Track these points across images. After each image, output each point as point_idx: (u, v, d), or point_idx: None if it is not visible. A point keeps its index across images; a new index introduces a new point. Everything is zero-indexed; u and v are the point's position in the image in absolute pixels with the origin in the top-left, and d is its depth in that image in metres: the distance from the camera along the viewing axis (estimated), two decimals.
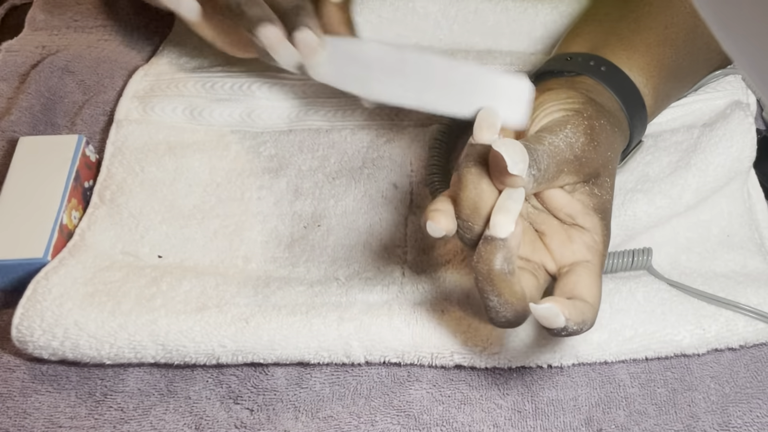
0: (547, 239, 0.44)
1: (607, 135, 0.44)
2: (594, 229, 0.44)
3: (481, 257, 0.40)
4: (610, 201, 0.45)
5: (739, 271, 0.51)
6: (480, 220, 0.41)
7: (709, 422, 0.46)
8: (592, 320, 0.41)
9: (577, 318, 0.39)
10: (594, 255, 0.43)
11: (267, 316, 0.48)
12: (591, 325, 0.41)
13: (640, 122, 0.50)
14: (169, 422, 0.47)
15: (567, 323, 0.39)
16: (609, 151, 0.44)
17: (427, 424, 0.46)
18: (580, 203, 0.44)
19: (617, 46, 0.51)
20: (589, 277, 0.42)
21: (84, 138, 0.57)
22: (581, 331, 0.41)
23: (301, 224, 0.55)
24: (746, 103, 0.57)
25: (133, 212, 0.55)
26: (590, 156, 0.43)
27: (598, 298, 0.42)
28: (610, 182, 0.45)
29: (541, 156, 0.40)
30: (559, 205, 0.44)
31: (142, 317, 0.48)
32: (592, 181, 0.44)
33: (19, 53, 0.68)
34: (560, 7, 0.63)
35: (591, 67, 0.49)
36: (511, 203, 0.39)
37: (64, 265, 0.50)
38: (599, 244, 0.44)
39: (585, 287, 0.42)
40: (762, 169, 0.56)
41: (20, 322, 0.47)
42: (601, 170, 0.44)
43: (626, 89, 0.49)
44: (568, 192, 0.44)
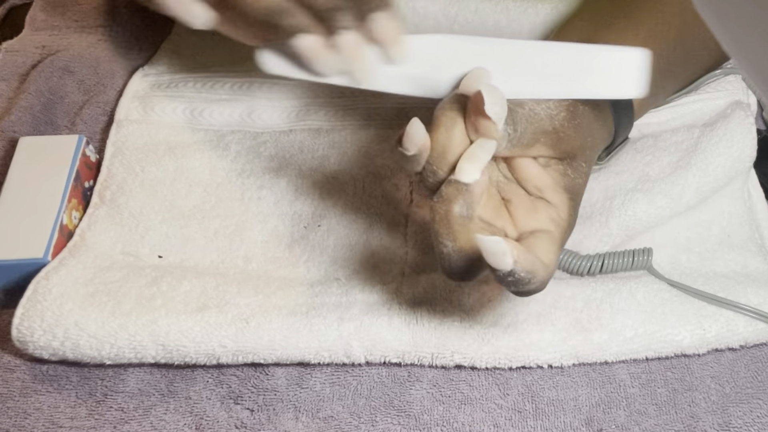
0: (512, 207, 0.44)
1: (589, 121, 0.44)
2: (560, 206, 0.43)
3: (442, 198, 0.39)
4: (582, 186, 0.45)
5: (740, 271, 0.51)
6: (446, 166, 0.40)
7: (709, 422, 0.46)
8: (542, 278, 0.40)
9: (526, 265, 0.38)
10: (557, 228, 0.43)
11: (267, 316, 0.48)
12: (542, 285, 0.40)
13: (626, 118, 0.50)
14: (170, 422, 0.47)
15: (515, 267, 0.37)
16: (588, 137, 0.44)
17: (428, 424, 0.46)
18: (550, 178, 0.43)
19: (608, 40, 0.51)
20: (547, 243, 0.41)
21: (84, 138, 0.57)
22: (529, 284, 0.39)
23: (301, 224, 0.55)
24: (746, 103, 0.57)
25: (133, 212, 0.55)
26: (569, 133, 0.42)
27: (554, 265, 0.41)
28: (585, 168, 0.44)
29: (519, 118, 0.40)
30: (529, 175, 0.43)
31: (142, 317, 0.48)
32: (567, 161, 0.43)
33: (19, 53, 0.68)
34: (560, 7, 0.63)
35: None
36: (480, 152, 0.39)
37: (64, 265, 0.50)
38: (564, 220, 0.43)
39: (542, 249, 0.41)
40: (762, 169, 0.56)
41: (20, 322, 0.47)
42: (578, 152, 0.44)
43: None
44: (541, 166, 0.43)
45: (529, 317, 0.48)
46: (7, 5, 0.75)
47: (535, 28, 0.64)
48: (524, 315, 0.48)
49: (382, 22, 0.42)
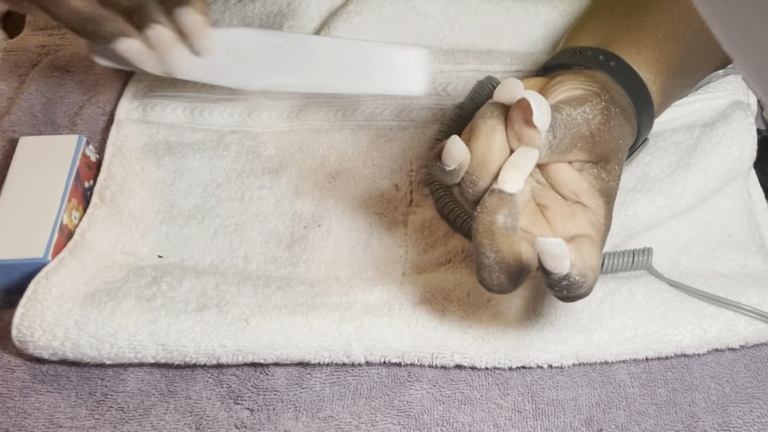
0: (549, 213, 0.43)
1: (619, 123, 0.44)
2: (597, 210, 0.43)
3: (485, 208, 0.39)
4: (615, 189, 0.44)
5: (740, 271, 0.51)
6: (486, 175, 0.40)
7: (709, 422, 0.46)
8: (592, 283, 0.40)
9: (581, 268, 0.38)
10: (596, 232, 0.42)
11: (267, 316, 0.48)
12: (589, 291, 0.40)
13: (647, 119, 0.50)
14: (170, 422, 0.47)
15: (571, 270, 0.38)
16: (620, 139, 0.44)
17: (428, 424, 0.46)
18: (586, 182, 0.43)
19: (626, 42, 0.50)
20: (590, 247, 0.41)
21: (84, 138, 0.57)
22: (581, 289, 0.39)
23: (301, 224, 0.55)
24: (747, 103, 0.57)
25: (133, 212, 0.55)
26: (604, 137, 0.42)
27: (599, 269, 0.41)
28: (618, 171, 0.44)
29: (558, 123, 0.40)
30: (565, 180, 0.43)
31: (142, 317, 0.48)
32: (601, 164, 0.43)
33: (19, 53, 0.68)
34: (560, 6, 0.63)
35: (600, 62, 0.49)
36: (523, 161, 0.39)
37: (64, 265, 0.50)
38: (602, 224, 0.43)
39: (587, 253, 0.41)
40: (762, 169, 0.56)
41: (20, 322, 0.47)
42: (612, 155, 0.43)
43: (635, 85, 0.49)
44: (577, 170, 0.43)
45: (529, 317, 0.48)
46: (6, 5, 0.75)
47: (535, 28, 0.64)
48: (524, 315, 0.48)
49: (187, 17, 0.47)
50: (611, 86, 0.47)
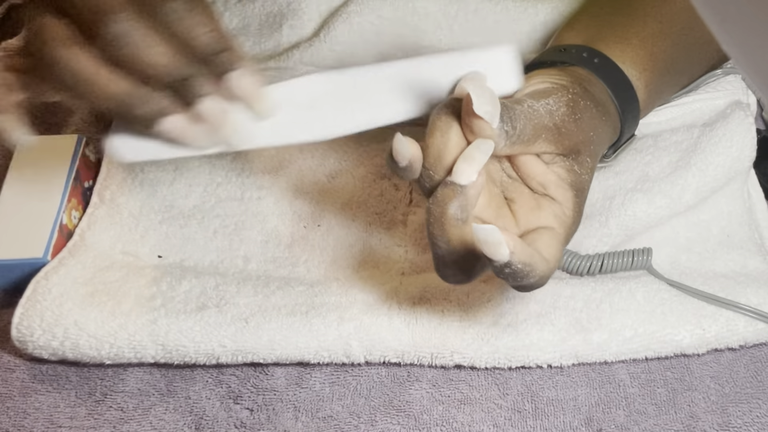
0: (515, 206, 0.44)
1: (591, 116, 0.44)
2: (565, 203, 0.43)
3: (437, 199, 0.39)
4: (587, 182, 0.44)
5: (739, 271, 0.51)
6: (442, 170, 0.40)
7: (709, 422, 0.46)
8: (542, 273, 0.39)
9: (523, 257, 0.38)
10: (561, 225, 0.42)
11: (267, 316, 0.48)
12: (542, 280, 0.40)
13: (631, 115, 0.50)
14: (169, 422, 0.47)
15: (512, 258, 0.37)
16: (591, 132, 0.44)
17: (427, 424, 0.46)
18: (555, 175, 0.43)
19: (610, 39, 0.51)
20: (549, 238, 0.41)
21: (84, 138, 0.57)
22: (528, 278, 0.39)
23: (301, 224, 0.55)
24: (746, 103, 0.57)
25: (133, 212, 0.55)
26: (570, 128, 0.42)
27: (555, 259, 0.41)
28: (591, 163, 0.44)
29: (517, 115, 0.40)
30: (533, 172, 0.43)
31: (141, 317, 0.48)
32: (572, 157, 0.43)
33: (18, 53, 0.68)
34: (560, 7, 0.63)
35: (584, 59, 0.49)
36: (476, 153, 0.39)
37: (63, 265, 0.50)
38: (568, 217, 0.43)
39: (543, 244, 0.41)
40: (762, 169, 0.56)
41: (20, 321, 0.47)
42: (582, 147, 0.43)
43: (618, 81, 0.49)
44: (546, 163, 0.43)
45: (529, 317, 0.48)
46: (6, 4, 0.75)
47: (535, 28, 0.64)
48: (524, 315, 0.48)
49: (240, 80, 0.41)
50: (589, 80, 0.47)
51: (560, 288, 0.49)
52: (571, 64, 0.49)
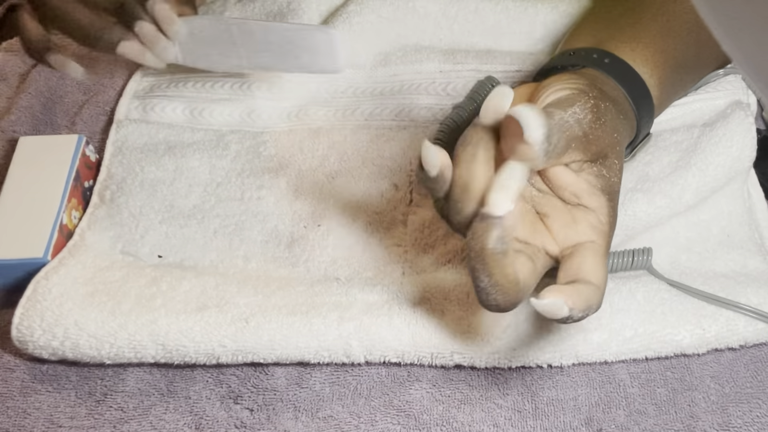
0: (550, 221, 0.43)
1: (612, 117, 0.44)
2: (600, 210, 0.42)
3: (475, 234, 0.39)
4: (618, 183, 0.44)
5: (739, 271, 0.51)
6: (470, 202, 0.40)
7: (709, 422, 0.46)
8: (598, 303, 0.40)
9: (581, 305, 0.39)
10: (599, 236, 0.42)
11: (267, 316, 0.48)
12: (597, 308, 0.40)
13: (646, 113, 0.50)
14: (169, 422, 0.47)
15: (571, 312, 0.38)
16: (615, 133, 0.44)
17: (427, 423, 0.46)
18: (586, 182, 0.42)
19: (620, 39, 0.51)
20: (593, 258, 0.41)
21: (84, 138, 0.57)
22: (587, 315, 0.40)
23: (301, 224, 0.55)
24: (746, 103, 0.57)
25: (133, 212, 0.55)
26: (597, 134, 0.42)
27: (604, 279, 0.41)
28: (618, 164, 0.44)
29: (552, 130, 0.39)
30: (564, 183, 0.43)
31: (142, 317, 0.48)
32: (599, 161, 0.43)
33: (19, 53, 0.68)
34: (560, 6, 0.63)
35: (594, 60, 0.49)
36: (510, 181, 0.38)
37: (64, 264, 0.50)
38: (605, 224, 0.42)
39: (590, 269, 0.41)
40: (762, 169, 0.56)
41: (20, 321, 0.47)
42: (609, 150, 0.43)
43: (631, 79, 0.49)
44: (575, 171, 0.43)
45: (529, 317, 0.48)
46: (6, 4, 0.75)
47: (535, 28, 0.64)
48: (524, 315, 0.48)
49: (155, 6, 0.54)
50: (603, 81, 0.47)
51: None
52: (582, 67, 0.49)
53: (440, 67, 0.62)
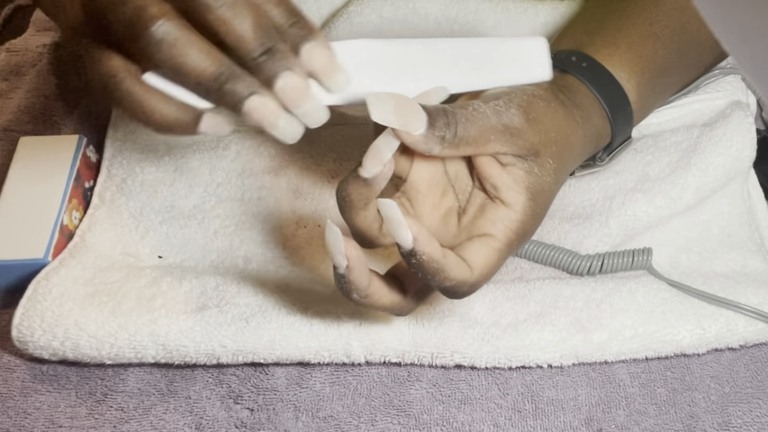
0: (464, 217, 0.44)
1: (554, 117, 0.44)
2: (515, 206, 0.42)
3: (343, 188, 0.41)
4: (549, 184, 0.43)
5: (739, 271, 0.51)
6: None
7: (709, 422, 0.46)
8: (461, 278, 0.39)
9: (431, 251, 0.38)
10: (500, 230, 0.42)
11: (267, 316, 0.48)
12: (461, 285, 0.40)
13: (623, 117, 0.50)
14: (169, 422, 0.47)
15: (416, 246, 0.37)
16: (552, 132, 0.44)
17: (427, 423, 0.46)
18: (510, 177, 0.42)
19: (600, 43, 0.51)
20: (481, 245, 0.41)
21: (85, 138, 0.57)
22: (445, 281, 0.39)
23: (301, 224, 0.55)
24: (746, 103, 0.57)
25: (133, 213, 0.55)
26: (522, 128, 0.42)
27: (482, 267, 0.40)
28: (552, 165, 0.44)
29: (457, 118, 0.40)
30: (487, 174, 0.43)
31: (142, 317, 0.48)
32: (531, 158, 0.42)
33: (21, 53, 0.68)
34: (560, 7, 0.63)
35: (573, 63, 0.49)
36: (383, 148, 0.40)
37: (64, 265, 0.50)
38: (513, 221, 0.42)
39: (471, 251, 0.41)
40: (762, 169, 0.56)
41: (20, 322, 0.47)
42: (541, 149, 0.43)
43: (606, 84, 0.49)
44: (503, 164, 0.42)
45: (529, 317, 0.48)
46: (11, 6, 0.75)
47: (535, 29, 0.64)
48: (524, 315, 0.48)
49: (316, 55, 0.39)
50: (571, 87, 0.47)
51: (560, 288, 0.49)
52: (561, 70, 0.49)
53: None
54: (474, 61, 0.44)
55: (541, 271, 0.52)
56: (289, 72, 0.38)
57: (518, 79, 0.44)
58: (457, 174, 0.44)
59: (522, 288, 0.49)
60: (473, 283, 0.40)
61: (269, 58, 0.38)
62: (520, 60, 0.44)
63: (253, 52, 0.38)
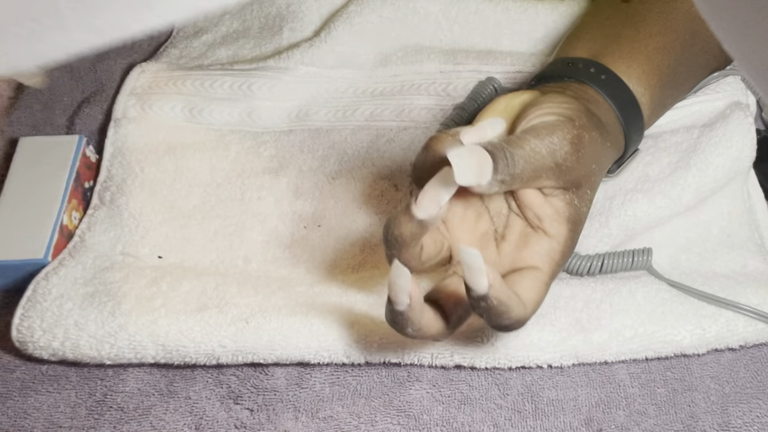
0: (504, 243, 0.44)
1: (594, 148, 0.44)
2: (557, 237, 0.43)
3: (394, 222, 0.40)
4: (586, 214, 0.45)
5: (739, 271, 0.51)
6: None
7: (709, 422, 0.46)
8: (518, 317, 0.40)
9: (501, 296, 0.39)
10: (546, 263, 0.43)
11: (267, 317, 0.48)
12: (517, 324, 0.41)
13: (636, 132, 0.50)
14: (169, 422, 0.47)
15: (489, 291, 0.38)
16: (594, 164, 0.44)
17: (427, 424, 0.46)
18: (552, 208, 0.43)
19: (618, 54, 0.51)
20: (532, 282, 0.42)
21: (84, 138, 0.57)
22: (504, 319, 0.40)
23: (301, 224, 0.55)
24: (746, 104, 0.57)
25: (133, 213, 0.55)
26: (572, 165, 0.42)
27: (534, 303, 0.42)
28: (590, 195, 0.45)
29: (516, 161, 0.40)
30: (530, 204, 0.43)
31: (142, 317, 0.48)
32: (572, 190, 0.43)
33: None
34: (560, 7, 0.64)
35: (591, 75, 0.49)
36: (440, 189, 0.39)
37: (64, 265, 0.50)
38: (557, 253, 0.43)
39: (524, 287, 0.42)
40: (762, 169, 0.56)
41: (20, 322, 0.47)
42: (583, 181, 0.44)
43: (625, 100, 0.49)
44: (545, 195, 0.43)
45: None
46: None
47: (535, 28, 0.64)
48: None
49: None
50: (596, 102, 0.47)
51: (560, 288, 0.49)
52: (578, 80, 0.49)
53: (441, 68, 0.62)
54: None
55: None
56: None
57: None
58: (491, 196, 0.44)
59: None
60: (526, 319, 0.41)
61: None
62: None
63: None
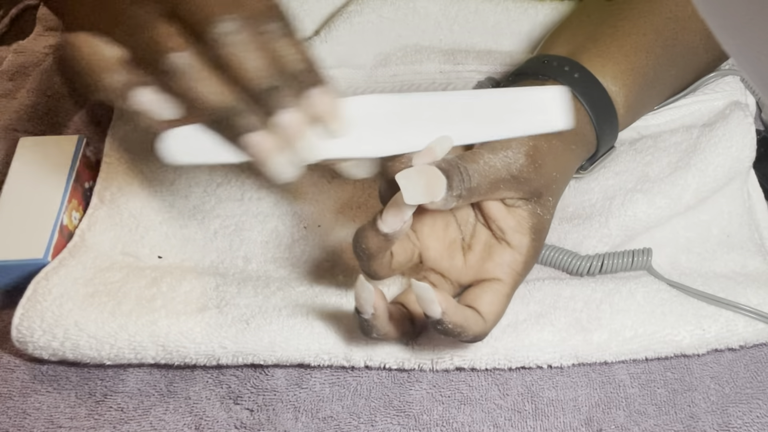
0: (470, 254, 0.47)
1: (555, 156, 0.46)
2: (519, 249, 0.45)
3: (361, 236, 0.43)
4: (549, 221, 0.47)
5: (739, 271, 0.51)
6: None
7: (709, 422, 0.46)
8: (477, 332, 0.43)
9: (456, 319, 0.41)
10: (508, 275, 0.45)
11: (267, 318, 0.48)
12: (476, 338, 0.44)
13: (609, 130, 0.51)
14: (169, 422, 0.47)
15: (443, 317, 0.41)
16: (555, 172, 0.46)
17: (427, 424, 0.46)
18: (514, 220, 0.45)
19: (593, 52, 0.51)
20: (492, 295, 0.45)
21: (84, 138, 0.57)
22: (463, 336, 0.43)
23: (301, 224, 0.55)
24: (745, 104, 0.57)
25: (133, 213, 0.55)
26: (529, 177, 0.44)
27: (495, 316, 0.44)
28: (552, 201, 0.46)
29: (471, 175, 0.42)
30: (494, 216, 0.46)
31: (142, 318, 0.48)
32: (534, 199, 0.45)
33: (27, 54, 0.68)
34: (560, 7, 0.63)
35: (565, 73, 0.50)
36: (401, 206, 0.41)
37: (64, 265, 0.50)
38: (519, 264, 0.45)
39: (484, 302, 0.44)
40: (762, 169, 0.56)
41: (20, 322, 0.47)
42: (543, 190, 0.45)
43: (597, 97, 0.49)
44: (508, 206, 0.45)
45: (529, 317, 0.48)
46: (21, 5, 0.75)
47: (534, 28, 0.64)
48: (524, 315, 0.48)
49: (320, 98, 0.40)
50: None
51: (560, 288, 0.49)
52: (552, 78, 0.49)
53: (440, 68, 0.62)
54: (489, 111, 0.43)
55: (541, 271, 0.52)
56: (288, 109, 0.39)
57: (535, 129, 0.43)
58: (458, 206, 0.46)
59: (522, 288, 0.49)
60: (486, 332, 0.44)
61: (273, 95, 0.39)
62: (537, 109, 0.43)
63: (258, 87, 0.38)
